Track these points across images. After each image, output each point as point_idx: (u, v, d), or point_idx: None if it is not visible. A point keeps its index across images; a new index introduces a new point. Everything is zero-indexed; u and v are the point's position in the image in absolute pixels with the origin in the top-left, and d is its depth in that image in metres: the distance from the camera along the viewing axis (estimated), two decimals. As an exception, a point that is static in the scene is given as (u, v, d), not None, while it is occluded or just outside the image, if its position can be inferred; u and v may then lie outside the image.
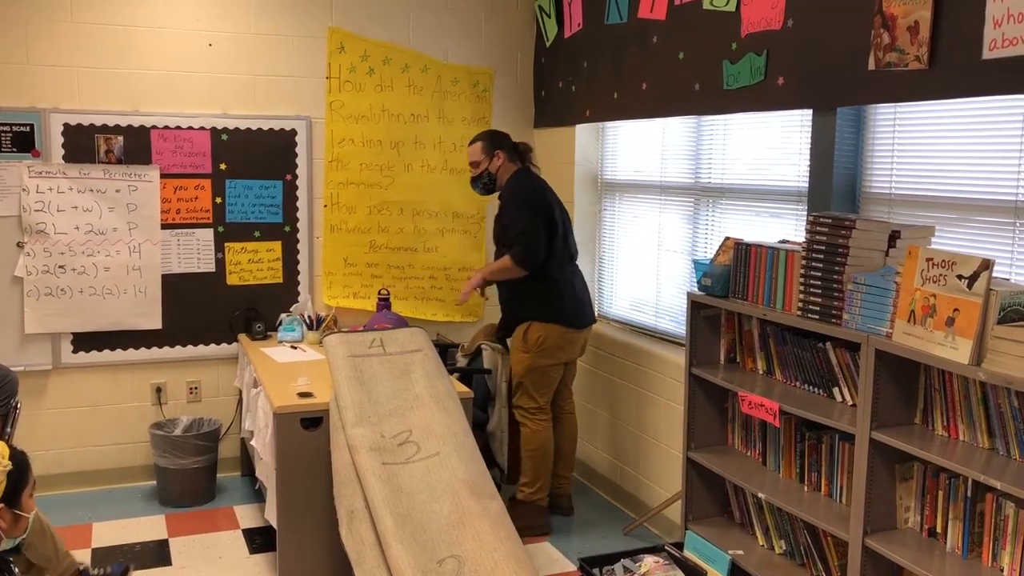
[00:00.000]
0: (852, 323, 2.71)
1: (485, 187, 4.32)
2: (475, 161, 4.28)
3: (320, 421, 3.50)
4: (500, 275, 4.17)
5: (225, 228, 4.77)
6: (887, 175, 3.07)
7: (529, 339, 4.13)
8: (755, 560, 3.20)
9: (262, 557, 3.90)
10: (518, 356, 4.20)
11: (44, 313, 4.48)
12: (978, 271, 2.33)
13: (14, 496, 2.26)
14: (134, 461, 4.74)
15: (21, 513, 2.29)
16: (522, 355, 4.17)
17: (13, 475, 2.25)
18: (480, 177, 4.29)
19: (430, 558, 3.01)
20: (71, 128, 4.45)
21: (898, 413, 2.66)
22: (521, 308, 4.20)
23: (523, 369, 4.16)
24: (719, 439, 3.51)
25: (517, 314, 4.22)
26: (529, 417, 4.19)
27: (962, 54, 2.51)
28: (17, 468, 2.27)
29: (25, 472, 2.32)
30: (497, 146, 4.26)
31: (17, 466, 2.27)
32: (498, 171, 4.26)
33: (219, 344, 4.82)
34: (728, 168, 3.91)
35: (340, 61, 4.89)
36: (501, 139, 4.30)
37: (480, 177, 4.29)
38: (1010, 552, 2.39)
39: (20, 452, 2.34)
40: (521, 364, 4.17)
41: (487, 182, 4.29)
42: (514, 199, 4.19)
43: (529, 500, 4.18)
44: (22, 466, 2.30)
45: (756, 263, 3.13)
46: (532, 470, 4.18)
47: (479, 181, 4.31)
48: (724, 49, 3.51)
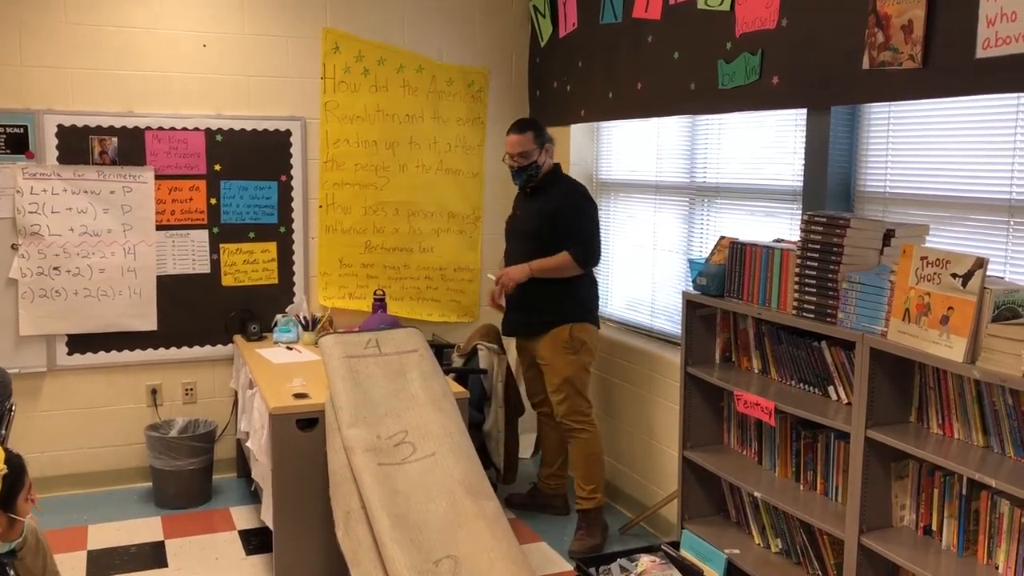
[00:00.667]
0: (847, 322, 2.71)
1: (529, 179, 4.05)
2: (525, 151, 3.99)
3: (316, 422, 3.49)
4: (553, 272, 3.94)
5: (220, 229, 4.77)
6: (881, 174, 3.07)
7: (576, 340, 3.98)
8: (751, 559, 3.20)
9: (258, 558, 3.89)
10: (564, 360, 3.99)
11: (39, 315, 4.47)
12: (972, 269, 2.33)
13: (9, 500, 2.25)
14: (130, 463, 4.73)
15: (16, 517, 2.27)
16: (569, 358, 3.99)
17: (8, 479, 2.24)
18: (528, 168, 4.02)
19: (426, 559, 3.01)
20: (65, 129, 4.44)
21: (893, 411, 2.66)
22: (560, 308, 3.99)
23: (573, 372, 3.99)
24: (715, 438, 3.51)
25: (554, 314, 3.99)
26: (586, 421, 4.04)
27: (956, 53, 2.52)
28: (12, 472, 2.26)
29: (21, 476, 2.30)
30: (547, 138, 4.06)
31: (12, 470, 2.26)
32: (544, 163, 4.05)
33: (214, 345, 4.81)
34: (723, 167, 3.92)
35: (335, 61, 4.88)
36: (546, 130, 4.09)
37: (528, 168, 4.02)
38: (1005, 550, 2.40)
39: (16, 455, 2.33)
40: (570, 367, 3.99)
41: (534, 175, 4.04)
42: (576, 196, 4.01)
43: (601, 505, 4.07)
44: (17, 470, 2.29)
45: (751, 262, 3.14)
46: (598, 475, 4.05)
47: (525, 172, 4.03)
48: (719, 48, 3.52)
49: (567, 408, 4.02)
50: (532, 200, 4.09)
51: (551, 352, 4.02)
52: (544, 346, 4.04)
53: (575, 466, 4.07)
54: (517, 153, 4.00)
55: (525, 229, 4.08)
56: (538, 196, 4.06)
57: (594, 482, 4.04)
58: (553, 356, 4.02)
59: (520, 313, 4.12)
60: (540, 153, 4.01)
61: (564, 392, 4.01)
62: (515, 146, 4.00)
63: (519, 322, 4.16)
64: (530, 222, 4.05)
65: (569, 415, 4.03)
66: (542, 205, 4.02)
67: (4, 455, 2.27)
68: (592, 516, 4.04)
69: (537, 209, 4.03)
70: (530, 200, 4.10)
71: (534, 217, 4.03)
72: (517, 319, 4.16)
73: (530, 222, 4.05)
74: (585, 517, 4.05)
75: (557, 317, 4.01)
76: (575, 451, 4.06)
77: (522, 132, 4.01)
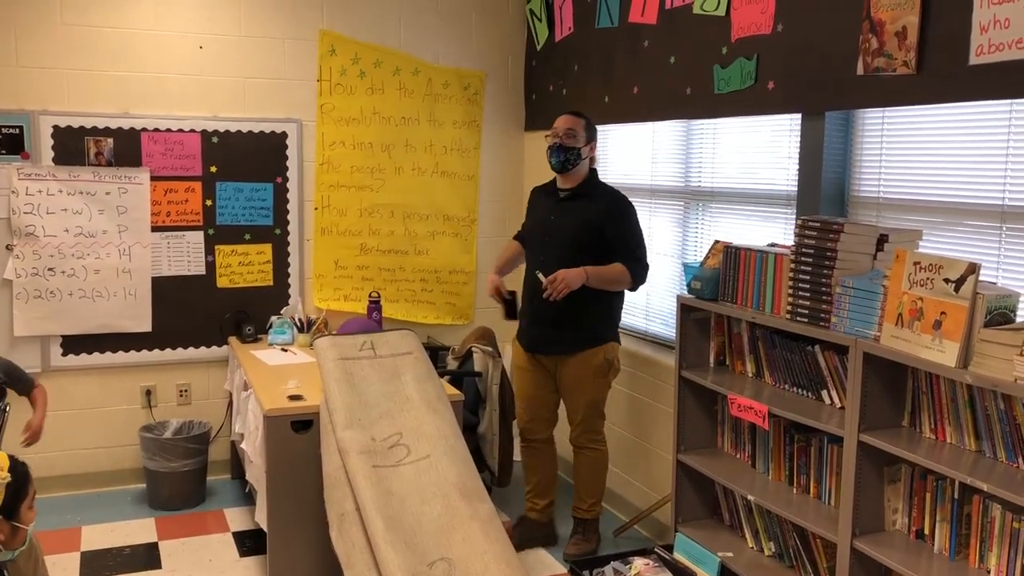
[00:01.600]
0: (840, 326, 2.72)
1: (566, 163, 3.71)
2: (574, 131, 3.70)
3: (310, 424, 3.50)
4: (608, 284, 3.66)
5: (215, 231, 4.77)
6: (875, 179, 3.09)
7: (607, 363, 3.77)
8: (744, 562, 3.21)
9: (252, 560, 3.89)
10: (596, 383, 3.78)
11: (33, 316, 4.47)
12: (965, 275, 2.35)
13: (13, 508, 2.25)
14: (123, 464, 4.72)
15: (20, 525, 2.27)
16: (600, 381, 3.80)
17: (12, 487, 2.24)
18: (570, 151, 3.69)
19: (420, 561, 3.01)
20: (61, 130, 4.44)
21: (886, 416, 2.67)
22: (596, 327, 3.75)
23: (600, 395, 3.83)
24: (709, 442, 3.52)
25: (589, 333, 3.74)
26: (599, 439, 3.92)
27: (949, 59, 2.53)
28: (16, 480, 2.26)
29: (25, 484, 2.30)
30: (594, 136, 3.81)
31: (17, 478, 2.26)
32: (585, 159, 3.76)
33: (209, 347, 4.81)
34: (718, 172, 3.93)
35: (331, 64, 4.89)
36: (596, 131, 3.85)
37: (570, 151, 3.69)
38: (996, 554, 2.41)
39: (21, 463, 2.33)
40: (598, 391, 3.82)
41: (572, 159, 3.71)
42: (625, 204, 3.76)
43: (598, 516, 4.02)
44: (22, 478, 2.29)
45: (745, 266, 3.15)
46: (600, 489, 3.97)
47: (564, 153, 3.70)
48: (715, 53, 3.53)
49: (584, 427, 3.87)
50: (570, 205, 3.77)
51: (580, 375, 3.78)
52: (573, 368, 3.78)
53: (579, 479, 3.96)
54: (565, 129, 3.71)
55: (563, 236, 3.72)
56: (576, 201, 3.76)
57: (596, 496, 3.97)
58: (582, 379, 3.79)
59: (546, 328, 3.78)
60: (586, 144, 3.74)
61: (584, 414, 3.85)
62: (565, 122, 3.73)
63: (545, 338, 3.81)
64: (570, 229, 3.72)
65: (585, 433, 3.89)
66: (584, 211, 3.71)
67: (8, 463, 2.27)
68: (590, 525, 4.01)
69: (579, 215, 3.72)
70: (567, 205, 3.77)
71: (576, 223, 3.71)
72: (542, 334, 3.81)
73: (570, 229, 3.72)
74: (583, 525, 4.00)
75: (592, 337, 3.75)
76: (583, 465, 3.93)
77: (576, 116, 3.77)
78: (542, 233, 3.84)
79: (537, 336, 3.85)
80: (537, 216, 3.94)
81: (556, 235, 3.76)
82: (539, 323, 3.81)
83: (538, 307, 3.75)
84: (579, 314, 3.71)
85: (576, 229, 3.70)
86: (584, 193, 3.76)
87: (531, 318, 3.86)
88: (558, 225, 3.77)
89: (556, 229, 3.77)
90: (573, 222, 3.72)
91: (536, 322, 3.83)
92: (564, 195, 3.80)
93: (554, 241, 3.75)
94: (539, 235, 3.87)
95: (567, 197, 3.78)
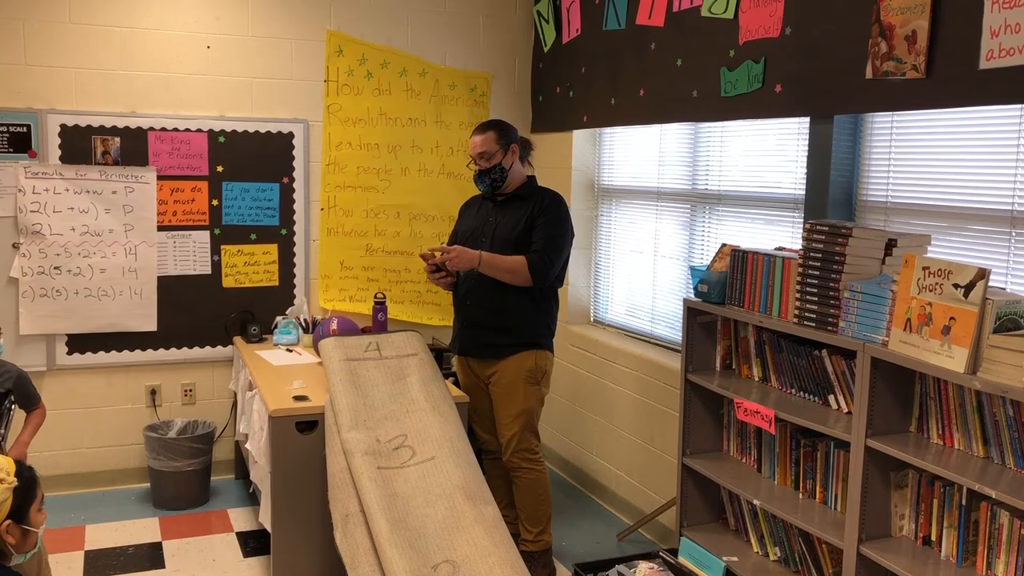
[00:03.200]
0: (848, 331, 2.71)
1: (495, 184, 3.64)
2: (486, 152, 3.59)
3: (315, 425, 3.49)
4: (501, 273, 3.54)
5: (221, 230, 4.77)
6: (883, 183, 3.08)
7: (539, 370, 3.66)
8: (749, 567, 3.20)
9: (256, 560, 3.89)
10: (524, 391, 3.64)
11: (39, 314, 4.47)
12: (974, 280, 2.34)
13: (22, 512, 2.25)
14: (128, 463, 4.73)
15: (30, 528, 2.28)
16: (532, 389, 3.66)
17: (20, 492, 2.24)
18: (491, 171, 3.61)
19: (425, 563, 3.01)
20: (68, 129, 4.45)
21: (893, 421, 2.66)
22: (528, 331, 3.64)
23: (531, 405, 3.67)
24: (714, 445, 3.51)
25: (520, 337, 3.64)
26: (535, 459, 3.73)
27: (959, 64, 2.52)
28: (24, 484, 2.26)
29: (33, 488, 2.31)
30: (511, 139, 3.65)
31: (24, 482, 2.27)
32: (511, 167, 3.65)
33: (214, 347, 4.81)
34: (725, 175, 3.92)
35: (338, 64, 4.89)
36: (512, 131, 3.70)
37: (491, 171, 3.61)
38: (1004, 561, 2.40)
39: (28, 468, 2.33)
40: (528, 400, 3.66)
41: (498, 178, 3.63)
42: (557, 207, 3.64)
43: (548, 547, 3.79)
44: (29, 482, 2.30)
45: (753, 270, 3.14)
46: (545, 516, 3.76)
47: (488, 176, 3.62)
48: (722, 56, 3.52)
49: (516, 445, 3.68)
50: (508, 207, 3.69)
51: (511, 381, 3.66)
52: (503, 373, 3.67)
53: (521, 507, 3.76)
54: (477, 154, 3.61)
55: (499, 236, 3.63)
56: (515, 203, 3.68)
57: (541, 524, 3.75)
58: (512, 385, 3.66)
59: (478, 330, 3.71)
60: (505, 155, 3.61)
61: (517, 427, 3.67)
62: (475, 147, 3.62)
63: (476, 341, 3.73)
64: (506, 228, 3.64)
65: (518, 452, 3.69)
66: (522, 211, 3.64)
67: (15, 467, 2.27)
68: (538, 559, 3.75)
69: (516, 215, 3.64)
70: (505, 207, 3.69)
71: (513, 223, 3.63)
72: (473, 337, 3.73)
73: (506, 228, 3.64)
74: (531, 559, 3.69)
75: (523, 341, 3.64)
76: (522, 491, 3.73)
77: (483, 132, 3.63)
78: (478, 235, 3.72)
79: (468, 338, 3.76)
80: (472, 222, 3.80)
81: (492, 234, 3.66)
82: (470, 325, 3.74)
83: (468, 309, 3.72)
84: (510, 316, 3.63)
85: (512, 228, 3.62)
86: (523, 195, 3.68)
87: (461, 321, 3.79)
88: (495, 225, 3.68)
89: (491, 232, 3.68)
90: (509, 224, 3.64)
91: (465, 324, 3.76)
92: (502, 199, 3.72)
93: (490, 241, 3.65)
94: (474, 237, 3.72)
95: (505, 200, 3.71)
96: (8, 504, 2.22)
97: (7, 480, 2.22)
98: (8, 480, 2.23)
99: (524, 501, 3.75)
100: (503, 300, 3.61)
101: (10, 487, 2.23)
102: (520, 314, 3.64)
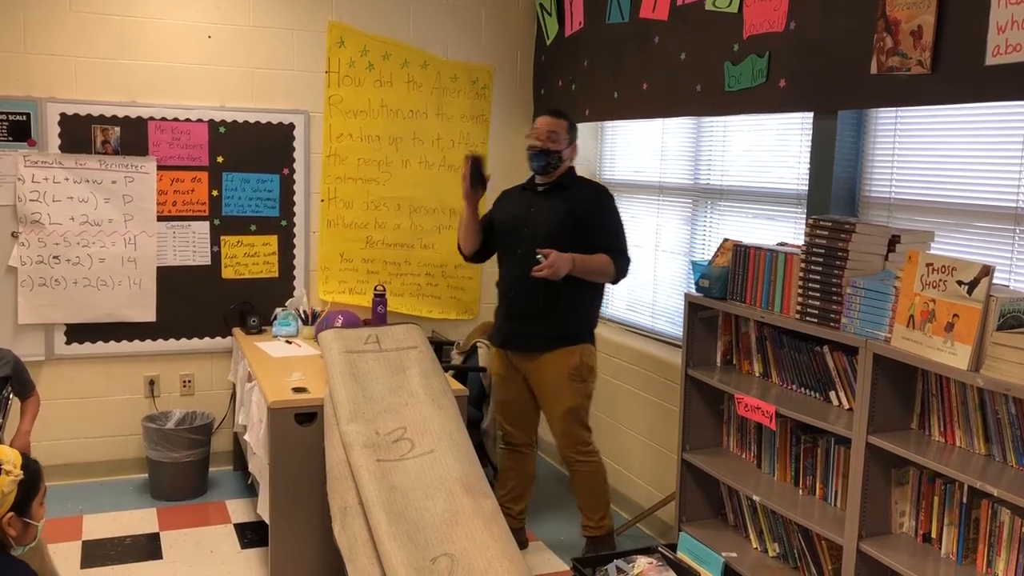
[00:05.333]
0: (850, 327, 2.70)
1: (547, 166, 3.64)
2: (556, 134, 3.61)
3: (314, 416, 3.48)
4: (590, 274, 3.56)
5: (221, 221, 4.75)
6: (887, 179, 3.07)
7: (583, 367, 3.65)
8: (748, 563, 3.20)
9: (254, 552, 3.88)
10: (573, 388, 3.63)
11: (38, 304, 4.46)
12: (978, 277, 2.33)
13: (24, 505, 2.25)
14: (126, 454, 4.72)
15: (31, 521, 2.28)
16: (577, 386, 3.65)
17: (24, 485, 2.24)
18: (552, 154, 3.62)
19: (423, 556, 3.00)
20: (68, 118, 4.43)
21: (895, 418, 2.65)
22: (573, 325, 3.64)
23: (578, 402, 3.66)
24: (714, 441, 3.50)
25: (565, 331, 3.63)
26: (590, 451, 3.75)
27: (965, 59, 2.51)
28: (29, 477, 2.26)
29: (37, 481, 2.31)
30: (576, 137, 3.74)
31: (29, 475, 2.27)
32: (566, 160, 3.70)
33: (213, 338, 4.80)
34: (727, 170, 3.91)
35: (339, 56, 4.87)
36: (577, 130, 3.77)
37: (552, 154, 3.62)
38: (1004, 559, 2.39)
39: (33, 461, 2.34)
40: (575, 397, 3.65)
41: (554, 163, 3.64)
42: (607, 199, 3.68)
43: (610, 531, 3.86)
44: (34, 475, 2.30)
45: (755, 265, 3.13)
46: (605, 502, 3.82)
47: (545, 157, 3.62)
48: (726, 50, 3.51)
49: (569, 440, 3.71)
50: (550, 197, 3.67)
51: (555, 379, 3.65)
52: (546, 369, 3.66)
53: (580, 497, 3.83)
54: (547, 132, 3.61)
55: (543, 228, 3.60)
56: (557, 193, 3.67)
57: (601, 510, 3.82)
58: (557, 384, 3.65)
59: (520, 323, 3.68)
60: (568, 147, 3.67)
61: (567, 424, 3.69)
62: (547, 124, 3.63)
63: (518, 333, 3.69)
64: (550, 220, 3.61)
65: (571, 447, 3.72)
66: (565, 203, 3.63)
67: (21, 460, 2.27)
68: (603, 541, 3.83)
69: (559, 206, 3.62)
70: (547, 197, 3.68)
71: (556, 215, 3.61)
72: (516, 330, 3.70)
73: (550, 220, 3.61)
74: (595, 543, 3.83)
75: (568, 335, 3.63)
76: (580, 483, 3.79)
77: (557, 117, 3.66)
78: (521, 224, 3.68)
79: (511, 332, 3.73)
80: (512, 210, 3.77)
81: (535, 227, 3.63)
82: (513, 318, 3.71)
83: (513, 301, 3.70)
84: (555, 309, 3.60)
85: (557, 220, 3.59)
86: (564, 184, 3.68)
87: (505, 313, 3.75)
88: (537, 217, 3.65)
89: (535, 221, 3.64)
90: (554, 214, 3.62)
91: (510, 317, 3.72)
92: (543, 188, 3.71)
93: (533, 233, 3.61)
94: (517, 227, 3.69)
95: (547, 190, 3.70)
96: (12, 497, 2.22)
97: (13, 473, 2.22)
98: (15, 473, 2.23)
99: (583, 491, 3.81)
100: (549, 294, 3.57)
101: (16, 480, 2.23)
102: (565, 308, 3.61)
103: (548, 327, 3.62)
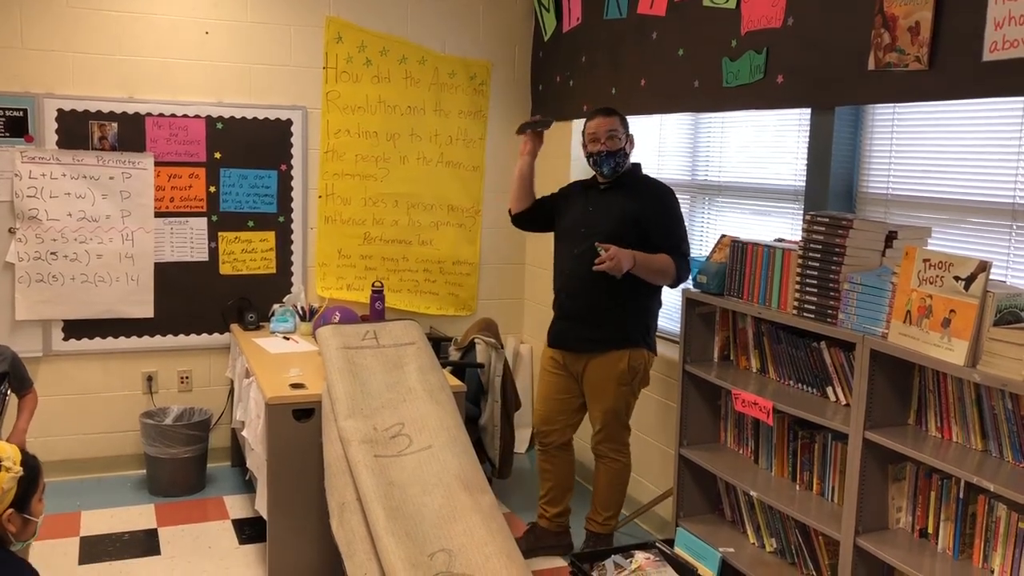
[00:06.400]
0: (847, 323, 2.71)
1: (617, 167, 3.56)
2: (615, 131, 3.53)
3: (312, 412, 3.48)
4: (650, 274, 3.48)
5: (219, 217, 4.75)
6: (884, 175, 3.07)
7: (632, 372, 3.59)
8: (746, 558, 3.20)
9: (251, 548, 3.88)
10: (618, 391, 3.60)
11: (35, 300, 4.46)
12: (975, 273, 2.33)
13: (24, 501, 2.26)
14: (124, 450, 4.72)
15: (31, 518, 2.28)
16: (622, 389, 3.61)
17: (24, 481, 2.24)
18: (617, 153, 3.54)
19: (421, 551, 3.00)
20: (65, 114, 4.42)
21: (892, 413, 2.66)
22: (625, 328, 3.57)
23: (622, 404, 3.64)
24: (711, 436, 3.51)
25: (615, 334, 3.56)
26: (623, 451, 3.74)
27: (962, 55, 2.51)
28: (28, 473, 2.27)
29: (36, 478, 2.32)
30: (629, 126, 3.63)
31: (28, 471, 2.27)
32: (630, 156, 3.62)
33: (211, 334, 4.80)
34: (725, 166, 3.91)
35: (337, 51, 4.86)
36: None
37: (617, 153, 3.54)
38: (1001, 553, 2.40)
39: (32, 457, 2.34)
40: (619, 400, 3.62)
41: (621, 163, 3.56)
42: (670, 197, 3.59)
43: (611, 532, 3.83)
44: (33, 471, 2.30)
45: (752, 261, 3.13)
46: (618, 503, 3.80)
47: (613, 158, 3.54)
48: (724, 46, 3.51)
49: (606, 435, 3.70)
50: (609, 196, 3.60)
51: (602, 380, 3.61)
52: (596, 371, 3.61)
53: (596, 489, 3.80)
54: (607, 133, 3.52)
55: (602, 228, 3.51)
56: (616, 192, 3.59)
57: (611, 509, 3.79)
58: (603, 386, 3.62)
59: (575, 322, 3.64)
60: (628, 141, 3.59)
61: (605, 422, 3.67)
62: (604, 125, 3.53)
63: (572, 332, 3.66)
64: (609, 220, 3.53)
65: (606, 441, 3.71)
66: (624, 202, 3.54)
67: (20, 456, 2.27)
68: (602, 540, 3.80)
69: (619, 206, 3.54)
70: (606, 196, 3.61)
71: (616, 215, 3.53)
72: (570, 329, 3.66)
73: (609, 220, 3.53)
74: (595, 539, 3.81)
75: (618, 339, 3.57)
76: (602, 476, 3.76)
77: (609, 115, 3.56)
78: (580, 224, 3.63)
79: (564, 330, 3.69)
80: (574, 208, 3.72)
81: (595, 227, 3.55)
82: (568, 317, 3.67)
83: (563, 302, 3.68)
84: (611, 310, 3.55)
85: (616, 220, 3.52)
86: (625, 183, 3.61)
87: (561, 312, 3.71)
88: (596, 217, 3.59)
89: (594, 221, 3.58)
90: (613, 214, 3.55)
91: (565, 316, 3.69)
92: (604, 186, 3.64)
93: (593, 233, 3.52)
94: (576, 227, 3.64)
95: (607, 188, 3.63)
96: (12, 493, 2.23)
97: (14, 469, 2.23)
98: (15, 469, 2.23)
99: (602, 484, 3.78)
100: (599, 295, 3.54)
101: (16, 476, 2.23)
102: (614, 311, 3.56)
103: (600, 328, 3.58)
